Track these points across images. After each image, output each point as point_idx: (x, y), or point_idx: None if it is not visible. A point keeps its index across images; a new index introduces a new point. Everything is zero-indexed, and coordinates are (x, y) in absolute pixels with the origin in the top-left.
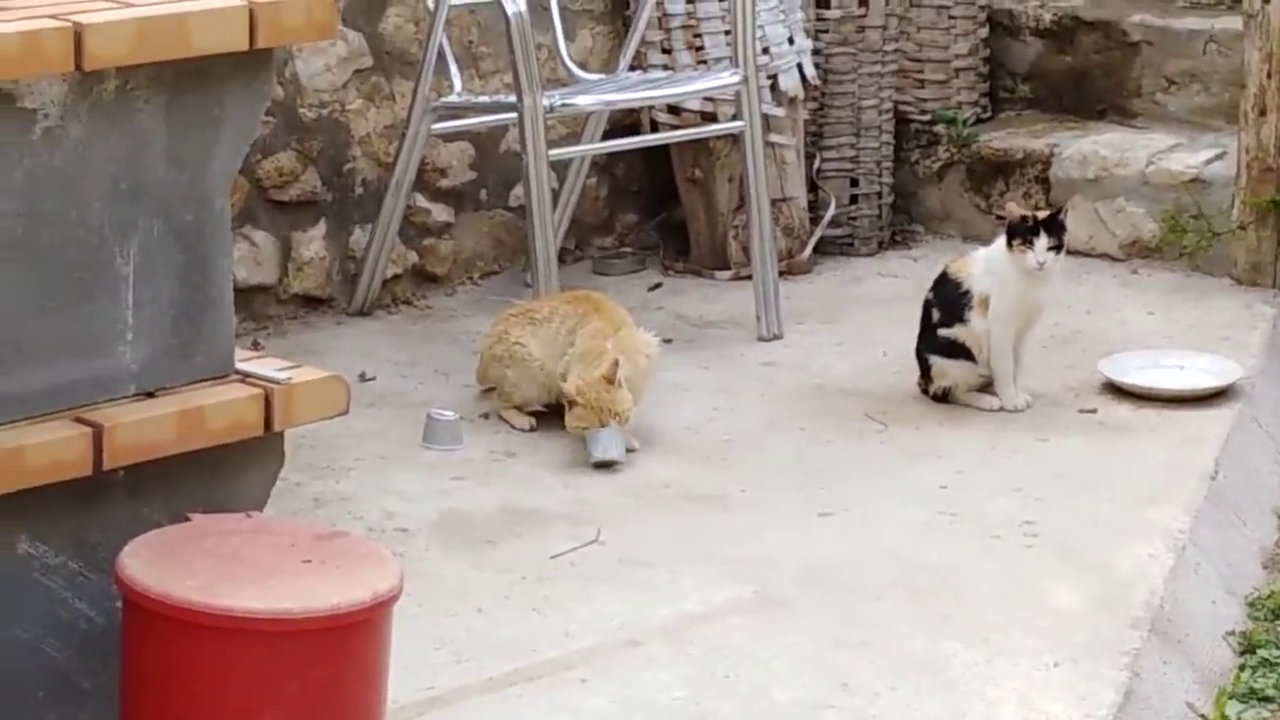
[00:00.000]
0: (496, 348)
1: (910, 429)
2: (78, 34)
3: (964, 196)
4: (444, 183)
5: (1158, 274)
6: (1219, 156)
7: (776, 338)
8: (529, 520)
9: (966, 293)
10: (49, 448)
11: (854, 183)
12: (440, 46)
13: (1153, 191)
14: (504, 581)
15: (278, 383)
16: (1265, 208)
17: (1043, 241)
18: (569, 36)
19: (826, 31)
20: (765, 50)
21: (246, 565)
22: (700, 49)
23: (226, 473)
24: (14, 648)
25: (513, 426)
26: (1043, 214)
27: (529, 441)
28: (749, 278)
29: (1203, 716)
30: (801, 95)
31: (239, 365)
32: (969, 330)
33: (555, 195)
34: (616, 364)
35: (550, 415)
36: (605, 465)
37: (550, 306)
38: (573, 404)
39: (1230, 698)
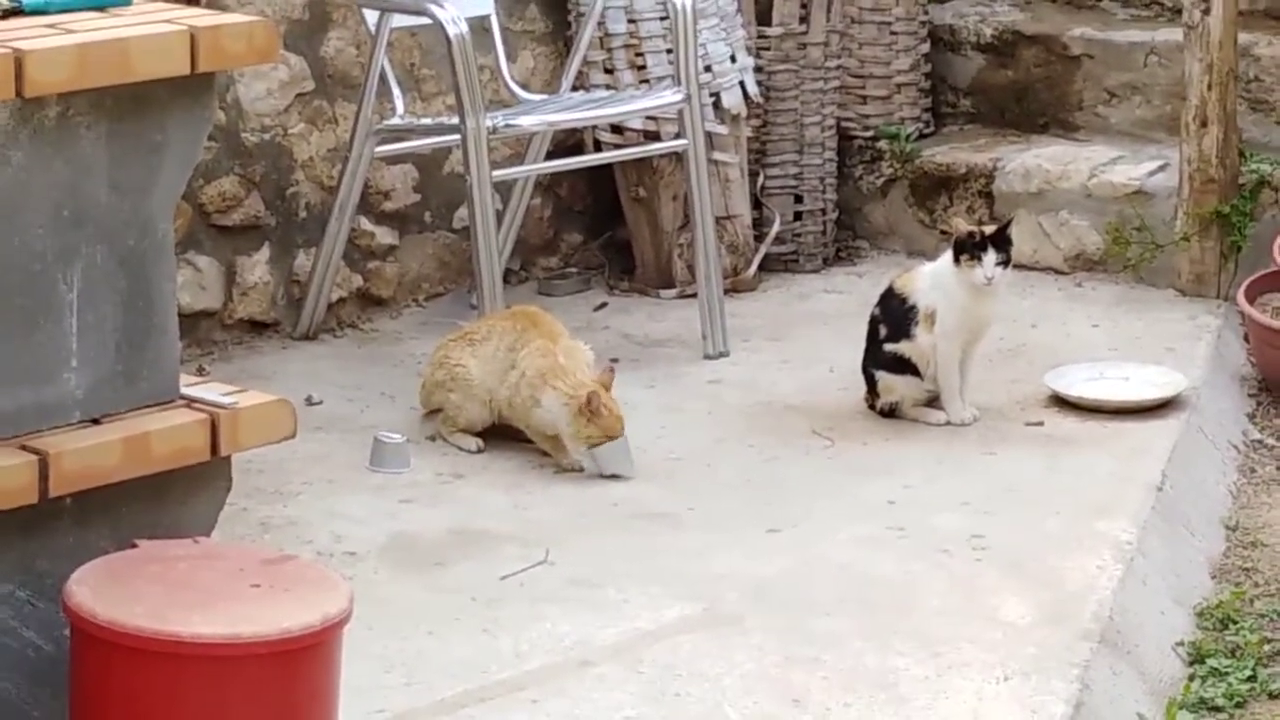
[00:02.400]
0: (438, 373)
1: (858, 445)
2: (18, 60)
3: (908, 212)
4: (388, 205)
5: (1102, 286)
6: (1161, 168)
7: (722, 355)
8: (478, 541)
9: (913, 308)
10: None
11: (798, 199)
12: (382, 69)
13: (1096, 204)
14: (454, 603)
15: (224, 407)
16: (1208, 219)
17: (991, 256)
18: (511, 57)
19: (768, 49)
20: (707, 68)
21: (195, 590)
22: (642, 68)
23: (173, 498)
24: None
25: (460, 449)
26: (990, 229)
27: (476, 463)
28: (694, 296)
29: None
30: (744, 113)
31: (184, 391)
32: (915, 345)
33: (499, 216)
34: (612, 372)
35: (497, 436)
36: (615, 475)
37: (487, 326)
38: (595, 414)
39: (1180, 708)
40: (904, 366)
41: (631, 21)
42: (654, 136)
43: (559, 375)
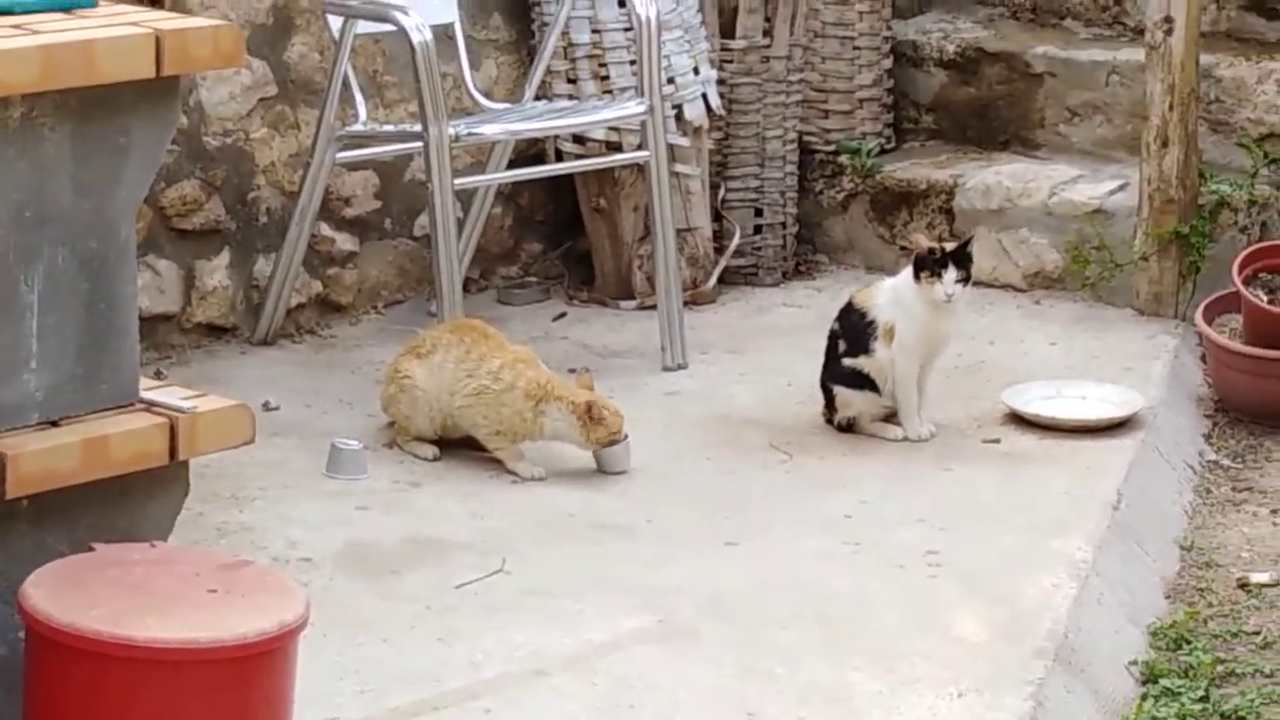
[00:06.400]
0: (390, 386)
1: (815, 459)
2: None
3: (868, 227)
4: (348, 212)
5: (1061, 304)
6: (1121, 188)
7: (681, 368)
8: (434, 550)
9: (872, 323)
10: None
11: (758, 213)
12: (345, 75)
13: (1056, 222)
14: (409, 611)
15: (182, 411)
16: (1167, 239)
17: (951, 273)
18: (474, 66)
19: (731, 61)
20: (670, 80)
21: (151, 595)
22: (605, 79)
23: (131, 502)
24: None
25: (416, 456)
26: (950, 246)
27: (433, 471)
28: (653, 307)
29: None
30: (706, 125)
31: (144, 394)
32: (874, 361)
33: (460, 224)
34: (590, 374)
35: (454, 445)
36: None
37: (432, 339)
38: (599, 420)
39: None
40: (862, 381)
41: (595, 32)
42: (616, 147)
43: (558, 386)
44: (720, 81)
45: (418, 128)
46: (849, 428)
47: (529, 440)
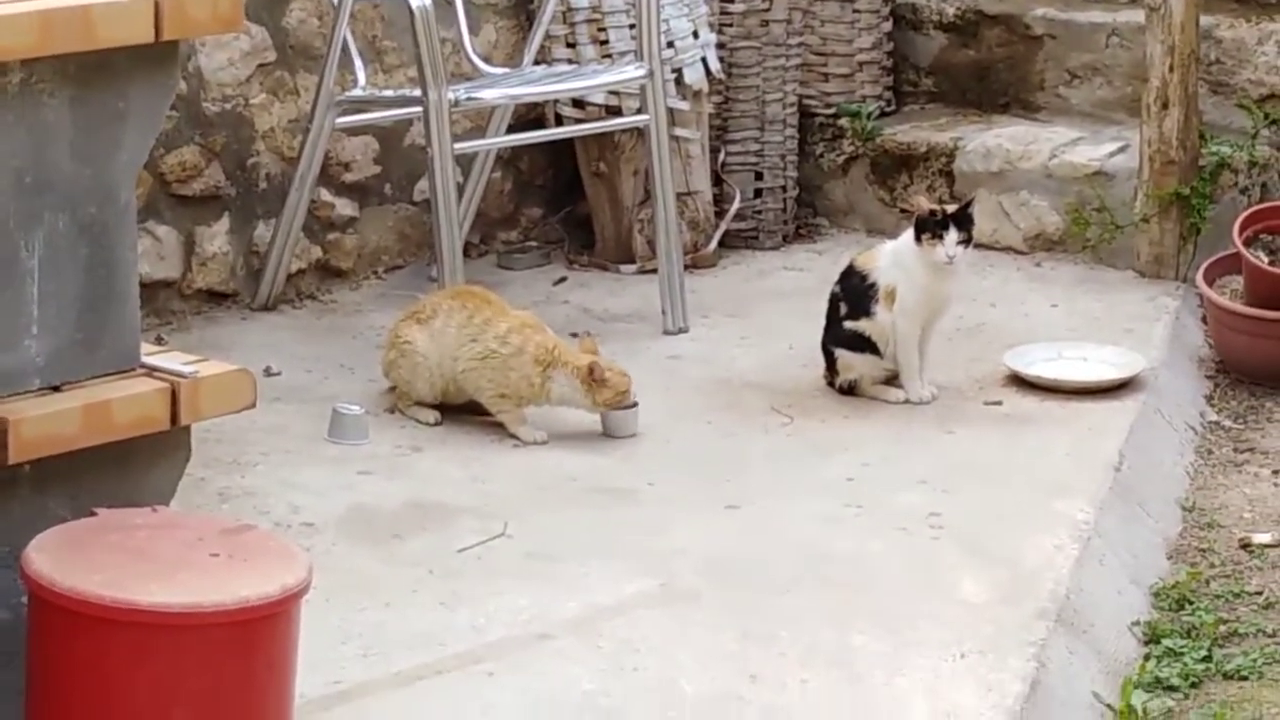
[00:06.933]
0: (390, 352)
1: (816, 422)
2: None
3: (868, 190)
4: (348, 177)
5: (1061, 267)
6: (1122, 149)
7: (682, 331)
8: (436, 514)
9: (873, 285)
10: None
11: (759, 176)
12: (344, 40)
13: (1056, 184)
14: (411, 575)
15: (184, 376)
16: (1167, 200)
17: (952, 235)
18: (473, 30)
19: (731, 25)
20: (670, 44)
21: (154, 560)
22: (605, 43)
23: (133, 467)
24: None
25: (418, 421)
26: (952, 208)
27: (435, 435)
28: (654, 271)
29: (1108, 706)
30: (706, 89)
31: (145, 359)
32: (875, 323)
33: (460, 189)
34: (592, 338)
35: (455, 409)
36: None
37: (432, 305)
38: (602, 381)
39: (1136, 687)
40: (863, 344)
41: None
42: (615, 112)
43: (565, 350)
44: (720, 45)
45: (417, 93)
46: (850, 390)
47: (534, 405)
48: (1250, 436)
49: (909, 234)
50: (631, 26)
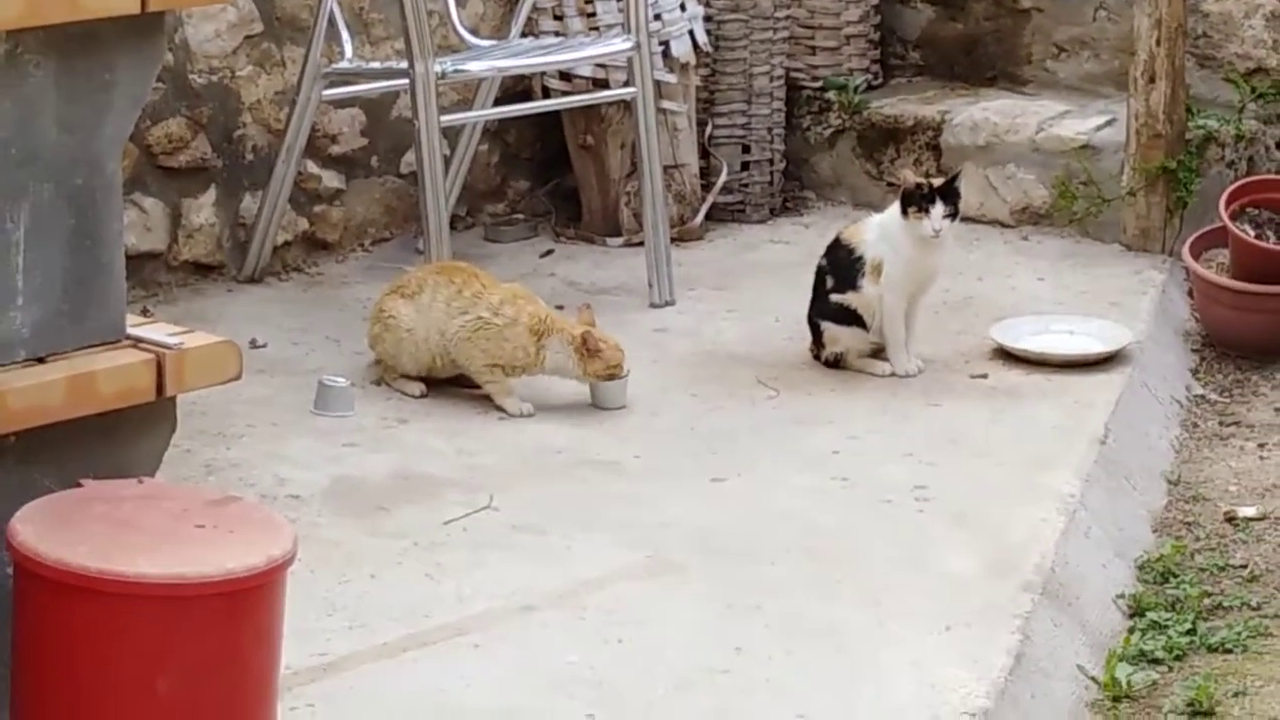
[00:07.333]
0: (375, 326)
1: (802, 395)
2: None
3: (855, 163)
4: (335, 149)
5: (1048, 240)
6: (1109, 123)
7: (668, 304)
8: (421, 486)
9: (859, 259)
10: None
11: (746, 149)
12: (331, 12)
13: (1043, 158)
14: (397, 547)
15: (169, 348)
16: (1154, 174)
17: (939, 208)
18: (460, 3)
19: None
20: (657, 16)
21: (140, 531)
22: (592, 15)
23: (118, 438)
24: None
25: (404, 394)
26: (938, 181)
27: (420, 408)
28: (641, 244)
29: (1093, 679)
30: (693, 62)
31: (130, 331)
32: (861, 296)
33: (447, 162)
34: (589, 308)
35: (441, 382)
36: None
37: (418, 279)
38: (595, 352)
39: (1120, 660)
40: (850, 317)
41: None
42: (603, 84)
43: (558, 320)
44: (707, 18)
45: (404, 65)
46: (836, 363)
47: (527, 374)
48: (1236, 410)
49: (895, 207)
50: None
